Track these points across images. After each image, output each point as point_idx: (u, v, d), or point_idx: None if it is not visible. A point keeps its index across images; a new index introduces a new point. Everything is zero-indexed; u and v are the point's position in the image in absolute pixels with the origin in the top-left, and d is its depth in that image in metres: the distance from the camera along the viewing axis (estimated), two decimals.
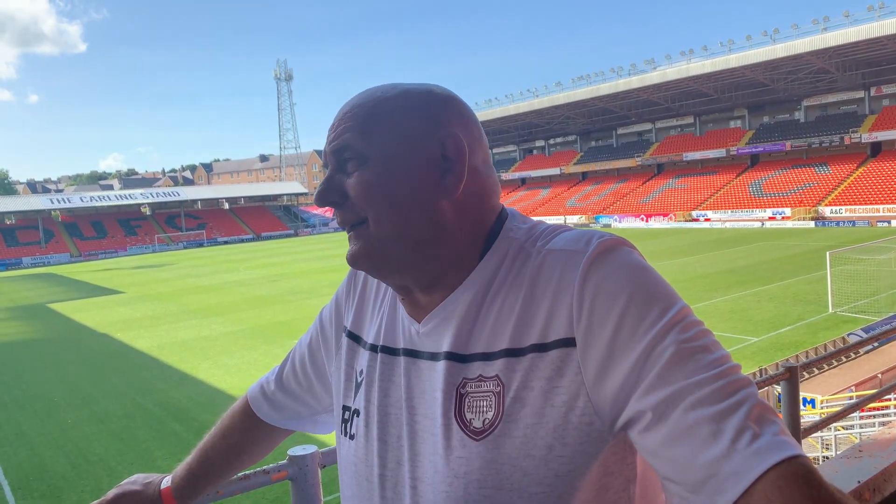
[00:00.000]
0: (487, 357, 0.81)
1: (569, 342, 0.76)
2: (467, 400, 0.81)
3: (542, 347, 0.78)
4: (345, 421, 0.96)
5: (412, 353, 0.88)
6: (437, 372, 0.84)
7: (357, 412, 0.93)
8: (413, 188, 0.83)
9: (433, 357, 0.85)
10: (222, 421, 1.22)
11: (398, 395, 0.88)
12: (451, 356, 0.83)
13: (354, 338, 0.99)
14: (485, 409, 0.79)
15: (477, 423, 0.79)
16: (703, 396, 0.68)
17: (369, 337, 0.96)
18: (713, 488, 0.65)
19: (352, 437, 0.93)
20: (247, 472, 1.31)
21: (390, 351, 0.92)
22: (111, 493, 1.16)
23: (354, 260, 0.87)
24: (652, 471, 0.78)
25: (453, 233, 0.85)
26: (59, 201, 78.11)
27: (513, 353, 0.79)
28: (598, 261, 0.78)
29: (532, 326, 0.79)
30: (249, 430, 1.20)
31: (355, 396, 0.95)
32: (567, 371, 0.76)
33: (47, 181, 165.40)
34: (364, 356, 0.95)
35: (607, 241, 0.80)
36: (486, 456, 0.77)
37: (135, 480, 1.19)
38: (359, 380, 0.95)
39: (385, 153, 0.84)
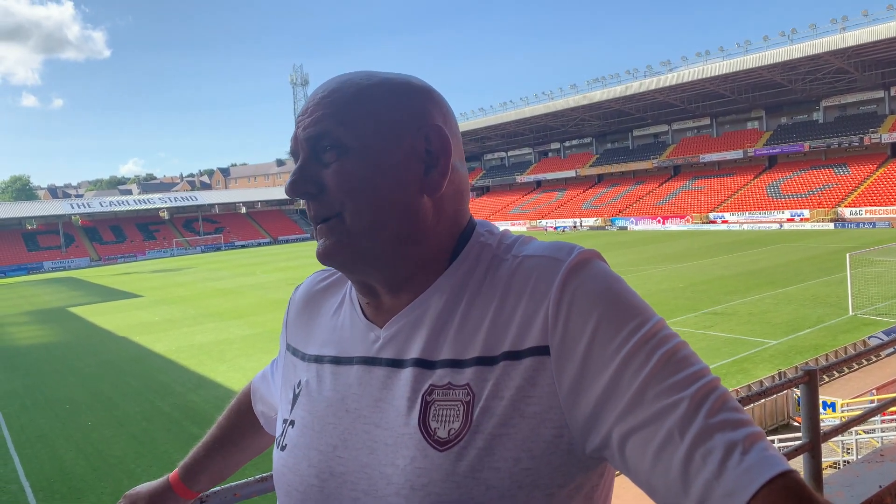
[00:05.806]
0: (457, 364, 0.77)
1: (542, 350, 0.74)
2: (433, 408, 0.76)
3: (515, 355, 0.75)
4: (281, 434, 0.91)
5: (368, 361, 0.83)
6: (398, 379, 0.80)
7: (293, 423, 0.89)
8: (398, 181, 0.80)
9: (394, 364, 0.81)
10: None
11: (345, 404, 0.83)
12: (419, 362, 0.79)
13: (293, 351, 0.96)
14: (451, 418, 0.75)
15: (442, 433, 0.74)
16: (686, 416, 0.67)
17: (310, 349, 0.92)
18: None
19: (283, 448, 0.88)
20: (263, 474, 1.31)
21: (340, 360, 0.87)
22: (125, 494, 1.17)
23: (327, 254, 0.82)
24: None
25: (430, 231, 0.82)
26: (79, 206, 79.18)
27: (485, 361, 0.76)
28: (578, 269, 0.76)
29: (505, 333, 0.76)
30: (237, 412, 1.19)
31: (292, 409, 0.90)
32: (540, 381, 0.73)
33: (67, 186, 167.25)
34: (302, 367, 0.92)
35: (587, 252, 0.79)
36: (448, 468, 0.73)
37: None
38: (297, 391, 0.91)
39: (368, 144, 0.80)
